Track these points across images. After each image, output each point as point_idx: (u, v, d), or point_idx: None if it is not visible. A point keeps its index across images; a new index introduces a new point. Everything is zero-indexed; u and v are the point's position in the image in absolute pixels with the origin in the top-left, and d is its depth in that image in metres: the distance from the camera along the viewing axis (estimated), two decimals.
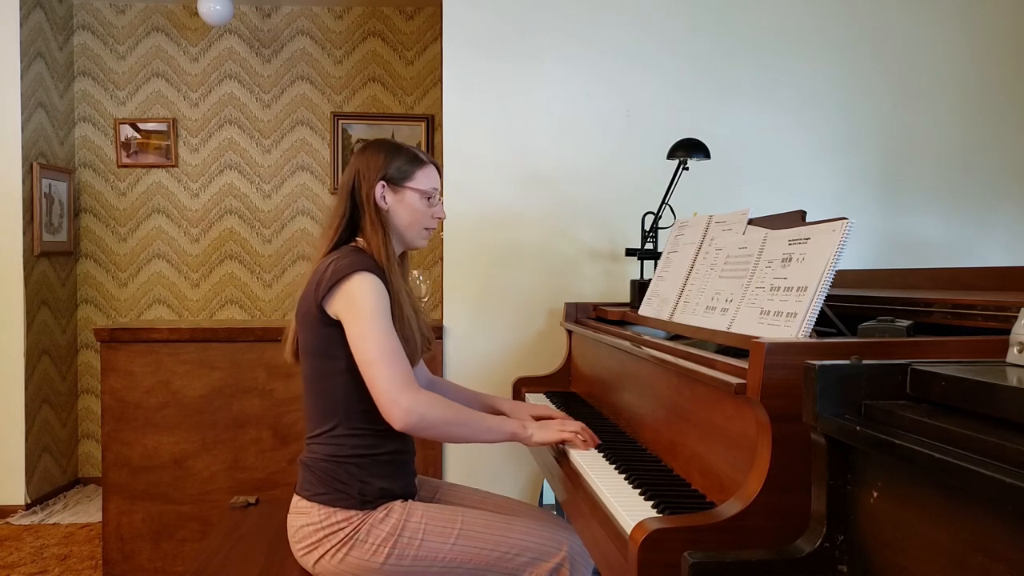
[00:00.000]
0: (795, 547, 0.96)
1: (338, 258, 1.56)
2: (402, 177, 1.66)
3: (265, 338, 2.72)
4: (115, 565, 2.68)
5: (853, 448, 0.92)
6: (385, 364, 1.48)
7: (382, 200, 1.64)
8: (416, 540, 1.54)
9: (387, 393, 1.47)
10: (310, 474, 1.59)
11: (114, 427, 2.69)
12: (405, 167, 1.67)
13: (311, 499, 1.56)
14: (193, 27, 4.24)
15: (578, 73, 2.90)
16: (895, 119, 2.98)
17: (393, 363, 1.48)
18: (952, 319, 1.36)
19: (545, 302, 2.89)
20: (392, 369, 1.48)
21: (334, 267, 1.54)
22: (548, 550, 1.59)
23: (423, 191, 1.67)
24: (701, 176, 2.70)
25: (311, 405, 1.63)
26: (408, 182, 1.66)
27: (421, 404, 1.48)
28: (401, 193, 1.66)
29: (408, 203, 1.66)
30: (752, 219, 1.70)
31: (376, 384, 1.48)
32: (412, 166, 1.67)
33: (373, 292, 1.52)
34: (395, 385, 1.47)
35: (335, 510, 1.54)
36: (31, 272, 3.75)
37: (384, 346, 1.49)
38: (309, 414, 1.64)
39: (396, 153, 1.68)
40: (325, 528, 1.54)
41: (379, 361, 1.48)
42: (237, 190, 4.28)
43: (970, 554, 0.74)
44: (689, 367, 1.41)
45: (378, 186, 1.64)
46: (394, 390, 1.47)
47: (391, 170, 1.65)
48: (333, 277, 1.53)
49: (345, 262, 1.54)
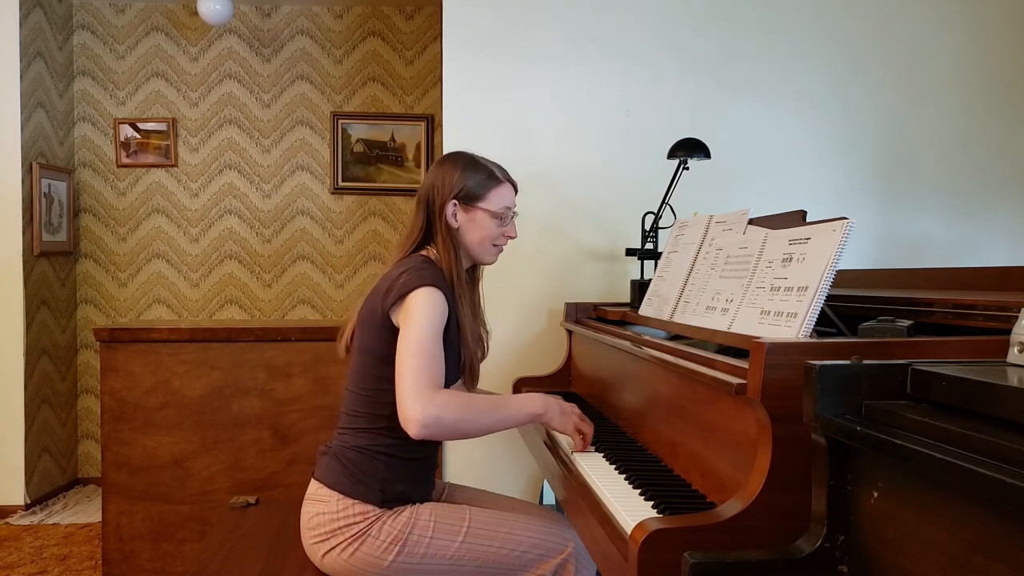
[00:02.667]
0: (795, 547, 0.96)
1: (411, 268, 1.59)
2: (475, 197, 1.68)
3: (265, 338, 2.72)
4: (115, 565, 2.68)
5: (853, 448, 0.92)
6: (412, 365, 1.46)
7: (453, 218, 1.67)
8: (425, 538, 1.55)
9: (405, 393, 1.44)
10: (335, 463, 1.60)
11: (114, 427, 2.68)
12: (479, 186, 1.68)
13: (331, 487, 1.57)
14: (193, 27, 4.24)
15: (578, 73, 2.90)
16: (895, 119, 2.97)
17: (421, 365, 1.46)
18: (952, 319, 1.36)
19: (545, 302, 2.88)
20: (417, 370, 1.45)
21: (406, 278, 1.56)
22: (554, 546, 1.61)
23: (495, 212, 1.69)
24: (701, 176, 2.70)
25: (354, 400, 1.64)
26: (480, 202, 1.68)
27: (437, 406, 1.44)
28: (472, 212, 1.68)
29: (478, 222, 1.68)
30: (752, 219, 1.70)
31: (399, 382, 1.46)
32: (486, 186, 1.69)
33: (431, 306, 1.53)
34: (415, 386, 1.44)
35: (354, 502, 1.55)
36: (31, 272, 3.75)
37: (421, 348, 1.48)
38: (349, 407, 1.65)
39: (472, 171, 1.69)
40: (340, 519, 1.55)
41: (408, 362, 1.46)
42: (237, 190, 4.28)
43: (970, 554, 0.74)
44: (689, 367, 1.41)
45: (450, 204, 1.66)
46: (414, 391, 1.44)
47: (465, 189, 1.67)
48: (404, 288, 1.55)
49: (416, 275, 1.56)
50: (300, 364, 2.72)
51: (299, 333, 2.72)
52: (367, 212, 4.32)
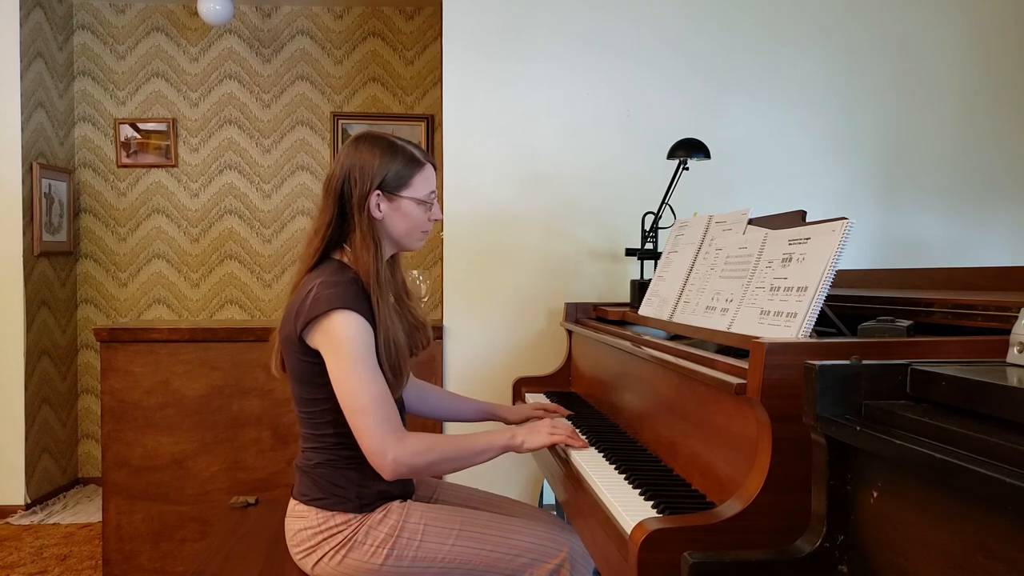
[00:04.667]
0: (795, 547, 0.96)
1: (320, 284, 1.46)
2: (399, 185, 1.54)
3: (265, 338, 2.69)
4: (115, 565, 2.68)
5: (853, 448, 0.92)
6: (370, 413, 1.42)
7: (376, 209, 1.54)
8: (415, 541, 1.53)
9: (373, 445, 1.43)
10: (307, 479, 1.57)
11: (114, 427, 2.68)
12: (402, 172, 1.55)
13: (309, 503, 1.55)
14: (193, 27, 4.24)
15: (578, 73, 2.90)
16: (895, 119, 2.98)
17: (378, 411, 1.43)
18: (952, 319, 1.36)
19: (545, 302, 2.88)
20: (377, 417, 1.42)
21: (315, 296, 1.45)
22: (548, 551, 1.58)
23: (420, 198, 1.57)
24: (701, 176, 2.70)
25: (302, 420, 1.60)
26: (405, 190, 1.55)
27: (407, 455, 1.43)
28: (397, 202, 1.55)
29: (404, 211, 1.56)
30: (752, 219, 1.70)
31: (362, 435, 1.44)
32: (409, 171, 1.55)
33: (355, 333, 1.44)
34: (379, 435, 1.42)
35: (333, 514, 1.53)
36: (31, 272, 3.75)
37: (369, 393, 1.43)
38: (302, 425, 1.61)
39: (392, 156, 1.55)
40: (323, 531, 1.53)
41: (364, 410, 1.43)
42: (237, 190, 4.28)
43: (970, 554, 0.74)
44: (689, 367, 1.41)
45: (373, 196, 1.53)
46: (379, 441, 1.42)
47: (387, 177, 1.53)
48: (313, 310, 1.44)
49: (326, 294, 1.44)
50: None
51: None
52: None
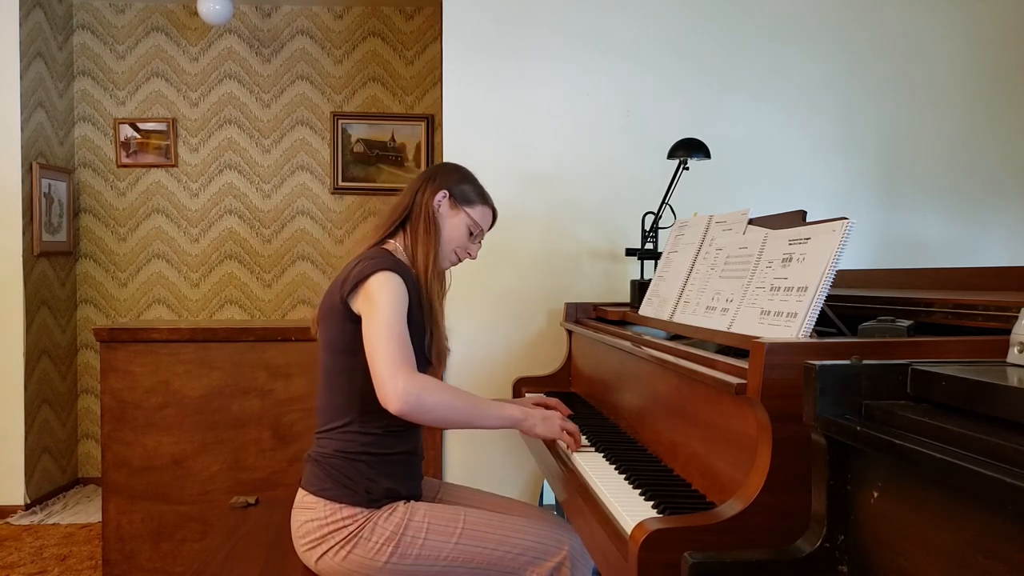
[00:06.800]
0: (795, 547, 0.96)
1: (367, 257, 1.61)
2: (465, 200, 1.74)
3: (265, 338, 2.72)
4: (115, 565, 2.68)
5: (853, 448, 0.92)
6: (386, 347, 1.47)
7: (438, 205, 1.72)
8: (419, 539, 1.54)
9: (386, 371, 1.45)
10: (318, 469, 1.59)
11: (114, 427, 2.68)
12: (471, 195, 1.75)
13: (317, 494, 1.57)
14: (193, 27, 4.24)
15: (578, 73, 2.90)
16: (896, 119, 2.98)
17: (395, 347, 1.48)
18: (952, 319, 1.36)
19: (545, 302, 2.88)
20: (392, 352, 1.47)
21: (362, 266, 1.58)
22: (549, 549, 1.59)
23: (474, 222, 1.75)
24: (701, 176, 2.70)
25: (326, 399, 1.64)
26: (467, 207, 1.74)
27: (418, 385, 1.45)
28: (457, 211, 1.73)
29: (456, 223, 1.73)
30: (752, 219, 1.70)
31: (376, 365, 1.47)
32: (478, 199, 1.76)
33: (392, 291, 1.54)
34: (393, 366, 1.46)
35: (341, 506, 1.55)
36: (31, 272, 3.75)
37: (391, 331, 1.49)
38: (323, 408, 1.65)
39: (472, 182, 1.77)
40: (330, 524, 1.54)
41: (382, 345, 1.48)
42: (237, 190, 4.28)
43: (970, 554, 0.74)
44: (689, 367, 1.41)
45: (441, 192, 1.72)
46: (392, 371, 1.45)
47: (459, 188, 1.74)
48: (360, 274, 1.56)
49: (372, 263, 1.58)
50: (300, 364, 2.72)
51: (299, 333, 2.72)
52: (367, 212, 4.32)
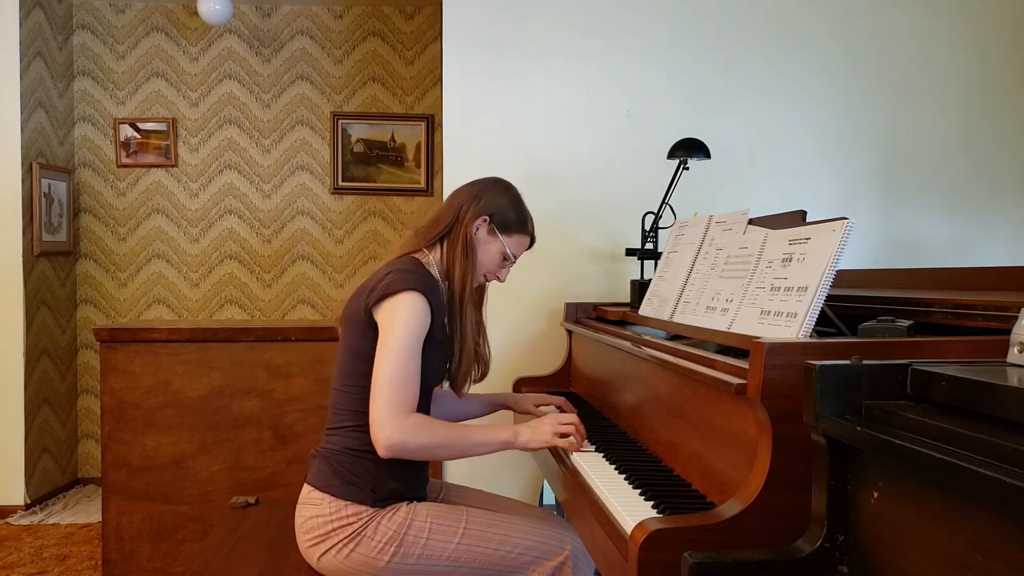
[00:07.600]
0: (795, 547, 0.96)
1: (399, 269, 1.59)
2: (504, 228, 1.73)
3: (265, 338, 2.72)
4: (115, 565, 2.67)
5: (853, 448, 0.92)
6: (387, 387, 1.49)
7: (476, 230, 1.70)
8: (421, 539, 1.55)
9: (379, 416, 1.49)
10: (325, 465, 1.60)
11: (114, 427, 2.68)
12: (512, 223, 1.73)
13: (323, 490, 1.57)
14: (193, 27, 4.23)
15: (578, 72, 2.90)
16: (896, 119, 2.98)
17: (395, 389, 1.49)
18: (952, 319, 1.36)
19: (545, 302, 2.88)
20: (390, 396, 1.49)
21: (391, 278, 1.57)
22: (551, 549, 1.60)
23: (507, 252, 1.74)
24: (701, 176, 2.70)
25: (340, 398, 1.64)
26: (504, 235, 1.73)
27: (404, 433, 1.48)
28: (493, 238, 1.73)
29: (491, 250, 1.73)
30: (752, 219, 1.70)
31: (375, 403, 1.50)
32: (518, 227, 1.75)
33: (413, 313, 1.54)
34: (388, 410, 1.48)
35: (346, 503, 1.55)
36: (31, 272, 3.75)
37: (397, 369, 1.50)
38: (335, 405, 1.65)
39: (516, 208, 1.75)
40: (334, 521, 1.55)
41: (385, 383, 1.49)
42: (237, 190, 4.28)
43: (970, 554, 0.74)
44: (689, 367, 1.41)
45: (482, 219, 1.71)
46: (385, 414, 1.48)
47: (503, 216, 1.72)
48: (388, 289, 1.55)
49: (402, 277, 1.56)
50: (300, 364, 2.72)
51: (299, 333, 2.72)
52: (367, 212, 4.32)
